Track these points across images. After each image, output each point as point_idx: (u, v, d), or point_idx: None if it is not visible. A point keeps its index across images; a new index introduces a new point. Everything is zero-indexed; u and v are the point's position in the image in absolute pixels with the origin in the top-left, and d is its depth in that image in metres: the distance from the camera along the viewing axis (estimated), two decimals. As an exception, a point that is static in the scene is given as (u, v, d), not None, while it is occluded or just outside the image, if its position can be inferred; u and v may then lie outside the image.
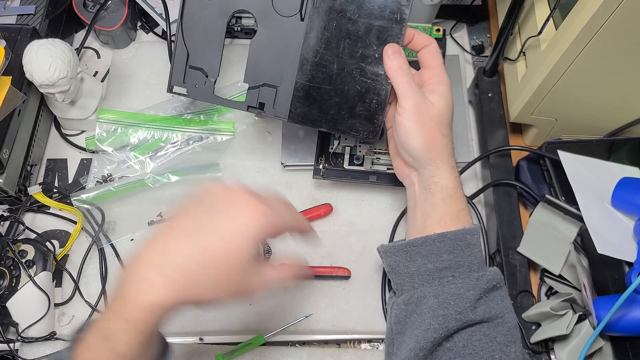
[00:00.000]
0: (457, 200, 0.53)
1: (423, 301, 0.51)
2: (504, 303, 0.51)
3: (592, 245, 0.56)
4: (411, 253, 0.53)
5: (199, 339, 0.65)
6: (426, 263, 0.52)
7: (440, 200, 0.53)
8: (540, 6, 0.66)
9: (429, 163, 0.54)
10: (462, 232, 0.52)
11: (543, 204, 0.65)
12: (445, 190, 0.53)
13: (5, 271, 0.64)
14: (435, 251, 0.52)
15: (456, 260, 0.51)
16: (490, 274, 0.51)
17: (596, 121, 0.68)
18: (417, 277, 0.52)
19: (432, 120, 0.54)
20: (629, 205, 0.60)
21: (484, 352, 0.49)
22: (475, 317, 0.49)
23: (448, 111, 0.55)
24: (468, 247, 0.51)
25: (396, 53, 0.55)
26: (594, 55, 0.56)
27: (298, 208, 0.71)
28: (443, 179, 0.53)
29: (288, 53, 0.58)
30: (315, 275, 0.67)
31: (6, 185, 0.68)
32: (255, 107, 0.60)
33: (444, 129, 0.54)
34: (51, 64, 0.65)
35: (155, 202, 0.71)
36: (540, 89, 0.63)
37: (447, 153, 0.54)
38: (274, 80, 0.59)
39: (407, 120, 0.53)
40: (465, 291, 0.50)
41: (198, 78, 0.60)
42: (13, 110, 0.68)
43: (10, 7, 0.78)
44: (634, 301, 0.55)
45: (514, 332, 0.50)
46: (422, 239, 0.53)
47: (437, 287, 0.51)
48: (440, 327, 0.49)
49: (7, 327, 0.63)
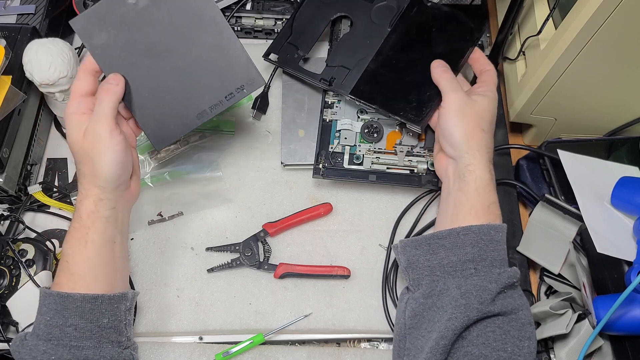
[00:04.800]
0: (490, 192, 0.56)
1: (445, 293, 0.52)
2: (521, 300, 0.52)
3: (592, 245, 0.57)
4: (434, 246, 0.55)
5: (199, 338, 0.65)
6: (450, 255, 0.53)
7: (473, 189, 0.55)
8: (540, 6, 0.66)
9: (467, 151, 0.56)
10: (487, 227, 0.53)
11: (543, 204, 0.65)
12: (480, 180, 0.55)
13: (5, 270, 0.64)
14: (460, 243, 0.53)
15: (479, 254, 0.52)
16: (511, 271, 0.52)
17: (596, 120, 0.68)
18: (439, 270, 0.54)
19: (473, 114, 0.58)
20: (629, 205, 0.60)
21: (497, 344, 0.49)
22: (493, 309, 0.50)
23: (489, 110, 0.59)
24: (492, 243, 0.53)
25: (441, 63, 0.64)
26: (594, 54, 0.56)
27: (298, 207, 0.71)
28: (478, 169, 0.56)
29: (368, 48, 0.71)
30: (315, 274, 0.67)
31: (6, 184, 0.68)
32: (327, 80, 0.72)
33: (484, 124, 0.58)
34: (51, 63, 0.65)
35: (155, 202, 0.71)
36: (540, 88, 0.63)
37: (485, 147, 0.57)
38: (349, 64, 0.71)
39: (449, 111, 0.58)
40: (487, 283, 0.51)
41: (290, 51, 0.75)
42: (13, 109, 0.68)
43: (10, 6, 0.78)
44: (634, 300, 0.55)
45: (527, 329, 0.51)
46: (447, 231, 0.54)
47: (460, 279, 0.52)
48: (462, 316, 0.50)
49: (7, 326, 0.63)
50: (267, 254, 0.69)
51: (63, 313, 0.51)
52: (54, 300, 0.52)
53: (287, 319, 0.65)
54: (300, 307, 0.66)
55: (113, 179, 0.55)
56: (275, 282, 0.68)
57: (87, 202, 0.55)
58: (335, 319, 0.66)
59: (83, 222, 0.54)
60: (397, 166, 0.69)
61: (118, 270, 0.57)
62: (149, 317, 0.65)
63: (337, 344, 0.66)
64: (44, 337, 0.51)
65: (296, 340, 0.66)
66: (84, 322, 0.52)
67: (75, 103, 0.56)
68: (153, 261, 0.69)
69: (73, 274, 0.54)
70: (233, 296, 0.67)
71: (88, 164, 0.55)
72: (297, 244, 0.70)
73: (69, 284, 0.53)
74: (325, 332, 0.65)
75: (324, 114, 0.72)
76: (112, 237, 0.56)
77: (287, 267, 0.67)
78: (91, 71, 0.57)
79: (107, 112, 0.55)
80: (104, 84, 0.57)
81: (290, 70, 0.75)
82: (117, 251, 0.57)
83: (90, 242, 0.54)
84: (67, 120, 0.56)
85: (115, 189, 0.56)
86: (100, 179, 0.54)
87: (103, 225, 0.55)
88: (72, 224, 0.55)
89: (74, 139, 0.55)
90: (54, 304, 0.52)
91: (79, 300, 0.52)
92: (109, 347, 0.53)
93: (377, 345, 0.65)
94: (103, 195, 0.55)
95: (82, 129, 0.55)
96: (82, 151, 0.55)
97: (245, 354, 0.63)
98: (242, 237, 0.69)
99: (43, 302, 0.53)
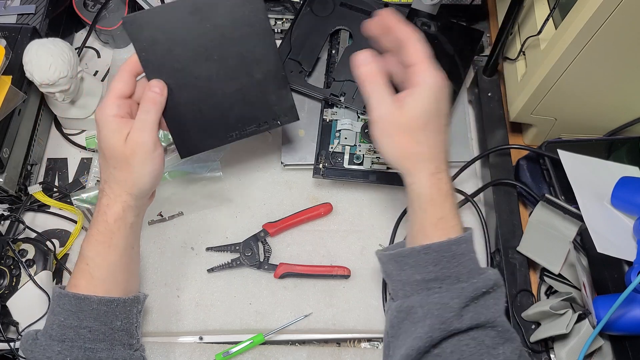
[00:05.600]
0: (435, 207, 0.51)
1: (412, 311, 0.50)
2: (497, 307, 0.50)
3: (592, 245, 0.56)
4: (401, 263, 0.52)
5: (199, 338, 0.65)
6: (414, 274, 0.51)
7: (417, 207, 0.52)
8: (540, 6, 0.66)
9: (405, 172, 0.52)
10: (446, 243, 0.50)
11: (543, 203, 0.65)
12: (421, 197, 0.51)
13: (6, 270, 0.64)
14: (422, 262, 0.51)
15: (442, 272, 0.50)
16: (480, 280, 0.50)
17: (596, 120, 0.68)
18: (408, 287, 0.52)
19: (400, 129, 0.51)
20: (629, 205, 0.60)
21: (473, 357, 0.48)
22: (461, 326, 0.48)
23: (422, 116, 0.50)
24: (454, 258, 0.50)
25: (366, 59, 0.52)
26: (594, 54, 0.56)
27: (298, 207, 0.71)
28: (418, 187, 0.51)
29: None
30: (315, 274, 0.67)
31: (6, 184, 0.68)
32: (336, 95, 0.72)
33: (418, 136, 0.51)
34: (51, 63, 0.65)
35: (155, 202, 0.71)
36: (540, 88, 0.63)
37: (424, 160, 0.51)
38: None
39: (374, 132, 0.52)
40: (449, 300, 0.49)
41: (294, 67, 0.74)
42: (13, 109, 0.68)
43: (10, 6, 0.78)
44: (634, 300, 0.55)
45: (503, 335, 0.49)
46: (408, 250, 0.52)
47: (423, 297, 0.50)
48: (425, 337, 0.48)
49: (8, 326, 0.63)
50: (267, 254, 0.69)
51: (78, 315, 0.51)
52: (69, 301, 0.52)
53: (287, 319, 0.65)
54: (300, 307, 0.66)
55: (147, 189, 0.55)
56: (275, 282, 0.68)
57: (116, 208, 0.54)
58: (335, 319, 0.66)
59: (109, 227, 0.54)
60: (397, 166, 0.69)
61: (132, 274, 0.58)
62: (149, 317, 0.65)
63: (337, 344, 0.66)
64: (57, 338, 0.51)
65: (296, 340, 0.66)
66: (99, 324, 0.52)
67: (114, 105, 0.54)
68: (153, 261, 0.69)
69: (94, 278, 0.53)
70: (233, 296, 0.67)
71: (126, 170, 0.53)
72: (297, 244, 0.70)
73: (88, 287, 0.53)
74: (325, 332, 0.65)
75: (324, 114, 0.73)
76: (132, 242, 0.56)
77: (287, 267, 0.67)
78: (133, 72, 0.56)
79: (154, 123, 0.54)
80: (148, 92, 0.55)
81: (298, 87, 0.73)
82: (134, 256, 0.57)
83: (114, 246, 0.54)
84: (104, 121, 0.53)
85: (144, 197, 0.56)
86: (135, 187, 0.54)
87: (127, 231, 0.55)
88: (95, 227, 0.54)
89: (113, 143, 0.53)
90: (69, 304, 0.52)
91: (95, 303, 0.52)
92: (121, 350, 0.54)
93: (377, 345, 0.65)
94: (133, 202, 0.54)
95: (123, 134, 0.53)
96: (122, 157, 0.53)
97: (245, 354, 0.63)
98: (242, 237, 0.69)
99: (57, 302, 0.52)
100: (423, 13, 0.74)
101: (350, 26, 0.75)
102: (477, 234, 0.70)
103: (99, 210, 0.55)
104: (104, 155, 0.54)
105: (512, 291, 0.63)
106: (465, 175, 0.71)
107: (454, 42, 0.73)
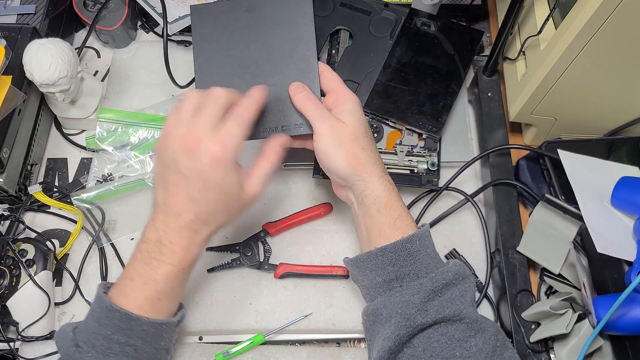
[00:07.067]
0: (391, 207, 0.54)
1: (378, 312, 0.53)
2: (463, 299, 0.51)
3: (592, 245, 0.56)
4: (362, 268, 0.55)
5: (199, 338, 0.65)
6: (375, 277, 0.54)
7: (375, 211, 0.54)
8: (540, 6, 0.66)
9: (357, 179, 0.55)
10: (400, 242, 0.52)
11: (543, 203, 0.65)
12: (378, 200, 0.54)
13: (6, 270, 0.64)
14: (380, 264, 0.53)
15: (401, 270, 0.52)
16: (439, 274, 0.51)
17: (596, 120, 0.68)
18: (372, 290, 0.54)
19: (348, 138, 0.55)
20: (629, 205, 0.60)
21: (445, 352, 0.49)
22: (426, 321, 0.50)
23: (360, 125, 0.56)
24: (410, 256, 0.52)
25: (299, 88, 0.58)
26: (594, 54, 0.56)
27: (298, 207, 0.71)
28: (373, 190, 0.55)
29: (373, 61, 0.72)
30: (315, 274, 0.67)
31: (6, 184, 0.68)
32: None
33: (362, 143, 0.55)
34: (51, 63, 0.65)
35: (156, 202, 0.71)
36: (540, 88, 0.63)
37: (372, 164, 0.55)
38: (357, 78, 0.72)
39: (324, 145, 0.55)
40: (410, 297, 0.50)
41: None
42: (13, 109, 0.68)
43: (10, 6, 0.78)
44: (634, 300, 0.55)
45: (473, 326, 0.50)
46: (366, 254, 0.54)
47: (387, 298, 0.52)
48: (393, 336, 0.50)
49: (8, 326, 0.63)
50: (267, 254, 0.69)
51: (127, 332, 0.50)
52: (120, 317, 0.50)
53: (287, 319, 0.65)
54: (300, 307, 0.66)
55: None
56: (276, 282, 0.68)
57: (202, 246, 0.54)
58: (335, 319, 0.66)
59: (191, 265, 0.53)
60: (397, 166, 0.69)
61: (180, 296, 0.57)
62: (149, 317, 0.65)
63: (337, 344, 0.66)
64: (101, 351, 0.50)
65: (296, 340, 0.66)
66: (144, 344, 0.51)
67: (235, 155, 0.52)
68: (153, 261, 0.69)
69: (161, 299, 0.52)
70: (233, 296, 0.67)
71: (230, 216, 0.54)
72: (297, 244, 0.70)
73: (152, 311, 0.51)
74: (325, 332, 0.65)
75: (324, 114, 0.73)
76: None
77: (287, 267, 0.67)
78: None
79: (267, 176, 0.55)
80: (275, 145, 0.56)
81: None
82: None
83: (187, 275, 0.54)
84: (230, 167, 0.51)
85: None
86: (225, 226, 0.55)
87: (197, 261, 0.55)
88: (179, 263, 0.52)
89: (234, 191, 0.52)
90: (119, 321, 0.50)
91: (145, 324, 0.51)
92: None
93: (377, 345, 0.65)
94: (211, 236, 0.55)
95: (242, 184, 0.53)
96: (239, 207, 0.54)
97: (246, 354, 0.63)
98: (242, 237, 0.69)
99: (105, 314, 0.50)
100: (423, 13, 0.75)
101: (350, 26, 0.75)
102: (477, 234, 0.71)
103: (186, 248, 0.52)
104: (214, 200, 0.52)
105: (512, 291, 0.63)
106: (465, 175, 0.71)
107: (454, 42, 0.73)
